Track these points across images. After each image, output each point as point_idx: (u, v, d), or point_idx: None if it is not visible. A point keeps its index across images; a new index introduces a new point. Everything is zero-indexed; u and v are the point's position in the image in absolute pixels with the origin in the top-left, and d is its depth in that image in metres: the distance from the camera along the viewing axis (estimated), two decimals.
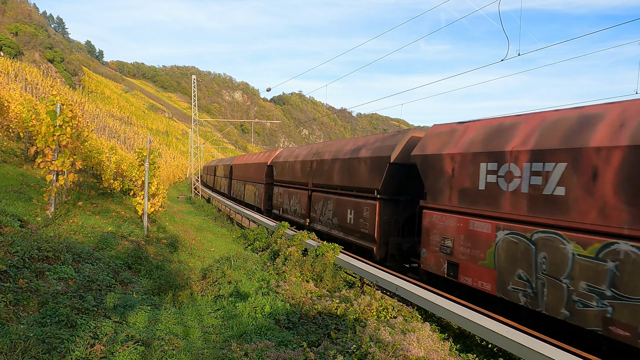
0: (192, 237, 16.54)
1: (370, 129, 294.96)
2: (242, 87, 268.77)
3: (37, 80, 58.13)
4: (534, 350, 5.40)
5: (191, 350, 5.39)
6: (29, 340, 4.37)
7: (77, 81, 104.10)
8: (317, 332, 6.45)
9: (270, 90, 25.84)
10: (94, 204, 13.57)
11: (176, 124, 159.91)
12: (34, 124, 14.54)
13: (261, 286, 8.96)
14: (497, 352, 6.40)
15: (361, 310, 7.34)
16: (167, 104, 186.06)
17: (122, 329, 5.51)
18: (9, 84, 35.85)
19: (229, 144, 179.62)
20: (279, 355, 5.14)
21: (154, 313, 6.56)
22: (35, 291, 5.71)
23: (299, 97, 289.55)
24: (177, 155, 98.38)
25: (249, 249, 15.39)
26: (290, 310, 7.29)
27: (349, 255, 11.28)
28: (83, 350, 4.55)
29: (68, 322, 5.10)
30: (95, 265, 7.77)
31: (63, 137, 10.40)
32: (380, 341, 5.23)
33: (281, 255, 11.77)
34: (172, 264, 10.57)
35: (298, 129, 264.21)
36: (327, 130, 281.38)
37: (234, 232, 20.65)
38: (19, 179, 12.60)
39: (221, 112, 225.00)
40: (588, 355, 5.32)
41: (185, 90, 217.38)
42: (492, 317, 6.67)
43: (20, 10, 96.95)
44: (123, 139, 66.83)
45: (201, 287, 8.78)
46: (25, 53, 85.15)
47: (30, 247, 6.71)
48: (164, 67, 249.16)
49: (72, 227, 9.74)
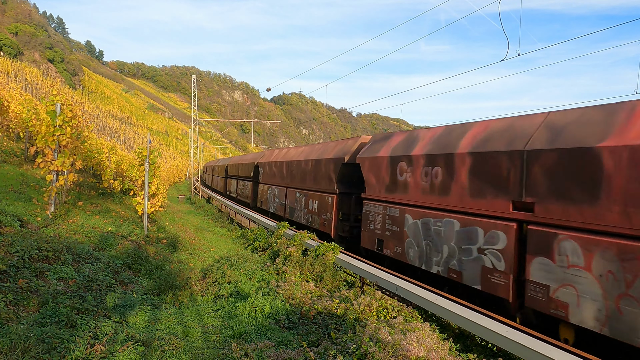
0: (192, 237, 16.55)
1: (371, 129, 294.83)
2: (242, 87, 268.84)
3: (37, 80, 58.14)
4: (534, 350, 5.40)
5: (191, 350, 5.39)
6: (29, 340, 4.37)
7: (77, 81, 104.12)
8: (317, 332, 6.45)
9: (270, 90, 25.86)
10: (94, 204, 13.58)
11: (176, 124, 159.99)
12: (34, 124, 14.54)
13: (261, 286, 8.96)
14: (497, 352, 6.40)
15: (361, 310, 7.34)
16: (167, 104, 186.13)
17: (122, 329, 5.51)
18: (9, 84, 35.85)
19: (229, 144, 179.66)
20: (279, 355, 5.14)
21: (154, 313, 6.56)
22: (35, 291, 5.71)
23: (299, 97, 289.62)
24: (177, 155, 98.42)
25: (249, 249, 15.40)
26: (290, 310, 7.29)
27: (349, 255, 11.30)
28: (83, 350, 4.55)
29: (68, 322, 5.10)
30: (95, 265, 7.77)
31: (63, 137, 10.40)
32: (380, 341, 5.23)
33: (281, 255, 11.78)
34: (172, 264, 10.57)
35: (298, 129, 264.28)
36: (327, 130, 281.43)
37: (234, 232, 20.65)
38: (19, 179, 12.61)
39: (221, 112, 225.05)
40: (588, 355, 5.33)
41: (185, 90, 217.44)
42: (492, 317, 6.67)
43: (20, 10, 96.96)
44: (123, 139, 66.86)
45: (201, 287, 8.78)
46: (25, 53, 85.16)
47: (30, 247, 6.71)
48: (164, 67, 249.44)
49: (72, 227, 9.74)
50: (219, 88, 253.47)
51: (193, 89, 42.11)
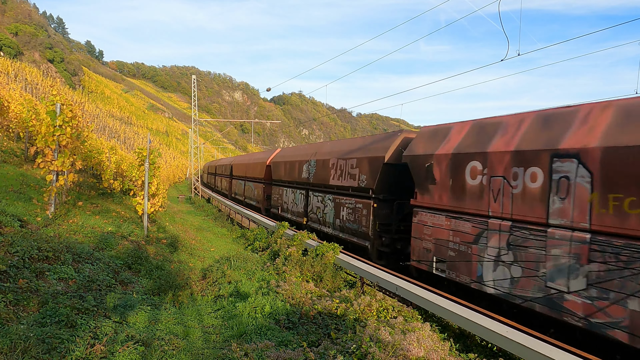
0: (192, 237, 16.54)
1: (370, 129, 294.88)
2: (242, 87, 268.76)
3: (37, 80, 58.14)
4: (534, 350, 5.39)
5: (191, 350, 5.39)
6: (29, 340, 4.37)
7: (77, 81, 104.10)
8: (317, 332, 6.44)
9: (270, 90, 25.82)
10: (94, 204, 13.57)
11: (176, 124, 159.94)
12: (34, 124, 14.54)
13: (261, 286, 8.96)
14: (497, 352, 6.40)
15: (361, 310, 7.34)
16: (167, 104, 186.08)
17: (122, 329, 5.51)
18: (9, 84, 35.85)
19: (229, 144, 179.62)
20: (279, 355, 5.14)
21: (154, 313, 6.56)
22: (35, 291, 5.71)
23: (299, 97, 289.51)
24: (177, 155, 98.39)
25: (249, 249, 15.39)
26: (290, 310, 7.28)
27: (348, 255, 11.30)
28: (83, 350, 4.55)
29: (68, 322, 5.10)
30: (95, 265, 7.77)
31: (63, 137, 10.40)
32: (380, 341, 5.23)
33: (281, 256, 11.77)
34: (172, 264, 10.57)
35: (298, 129, 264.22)
36: (327, 130, 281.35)
37: (234, 232, 20.64)
38: (19, 179, 12.60)
39: (221, 112, 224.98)
40: (588, 355, 5.33)
41: (185, 90, 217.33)
42: (492, 317, 6.67)
43: (20, 10, 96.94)
44: (123, 139, 66.85)
45: (201, 287, 8.78)
46: (25, 53, 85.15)
47: (30, 247, 6.70)
48: (164, 67, 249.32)
49: (72, 227, 9.74)
50: (219, 88, 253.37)
51: (193, 89, 42.10)
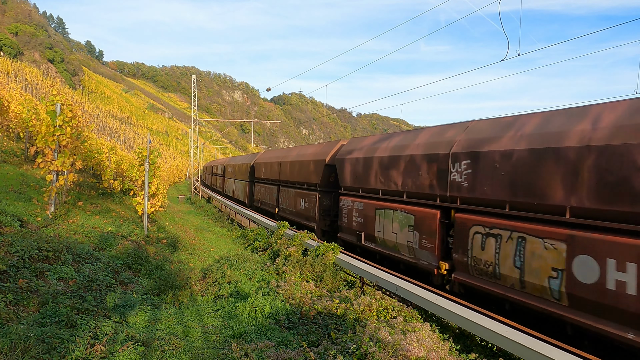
0: (192, 237, 16.54)
1: (370, 129, 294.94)
2: (242, 87, 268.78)
3: (37, 80, 58.12)
4: (534, 350, 5.39)
5: (191, 350, 5.39)
6: (29, 340, 4.37)
7: (77, 81, 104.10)
8: (317, 332, 6.44)
9: (270, 90, 25.83)
10: (94, 204, 13.57)
11: (176, 124, 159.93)
12: (34, 124, 14.54)
13: (261, 286, 8.96)
14: (497, 352, 6.40)
15: (361, 310, 7.34)
16: (167, 104, 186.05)
17: (122, 329, 5.51)
18: (9, 84, 35.84)
19: (229, 144, 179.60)
20: (279, 355, 5.13)
21: (154, 313, 6.56)
22: (35, 291, 5.71)
23: (299, 97, 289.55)
24: (177, 155, 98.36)
25: (249, 249, 15.39)
26: (290, 310, 7.28)
27: (349, 255, 11.30)
28: (83, 350, 4.55)
29: (68, 322, 5.10)
30: (95, 265, 7.76)
31: (63, 137, 10.40)
32: (380, 341, 5.23)
33: (281, 256, 11.77)
34: (172, 264, 10.57)
35: (298, 129, 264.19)
36: (327, 130, 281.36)
37: (234, 232, 20.65)
38: (19, 179, 12.60)
39: (221, 112, 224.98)
40: (588, 355, 5.33)
41: (185, 90, 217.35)
42: (492, 317, 6.67)
43: (20, 10, 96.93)
44: (123, 139, 66.84)
45: (201, 287, 8.77)
46: (25, 53, 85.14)
47: (30, 247, 6.70)
48: (164, 67, 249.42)
49: (72, 227, 9.74)
50: (219, 88, 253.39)
51: (193, 89, 42.10)
